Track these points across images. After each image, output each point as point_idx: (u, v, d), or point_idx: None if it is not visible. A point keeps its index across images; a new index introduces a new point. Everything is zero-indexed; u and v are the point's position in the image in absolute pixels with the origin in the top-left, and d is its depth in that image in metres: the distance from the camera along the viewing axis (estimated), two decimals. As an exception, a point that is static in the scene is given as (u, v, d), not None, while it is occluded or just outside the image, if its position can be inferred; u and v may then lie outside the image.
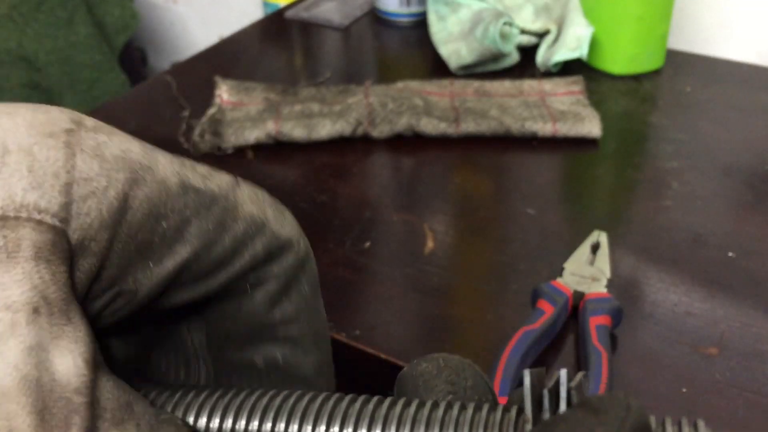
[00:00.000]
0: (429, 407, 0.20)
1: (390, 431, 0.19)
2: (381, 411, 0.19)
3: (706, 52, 0.82)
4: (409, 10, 0.87)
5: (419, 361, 0.23)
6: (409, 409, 0.19)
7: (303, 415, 0.19)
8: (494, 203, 0.59)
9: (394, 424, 0.19)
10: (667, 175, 0.61)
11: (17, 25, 1.12)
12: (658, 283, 0.50)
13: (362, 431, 0.19)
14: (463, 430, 0.19)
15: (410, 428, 0.19)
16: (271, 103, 0.69)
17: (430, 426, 0.19)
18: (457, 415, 0.19)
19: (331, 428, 0.19)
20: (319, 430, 0.19)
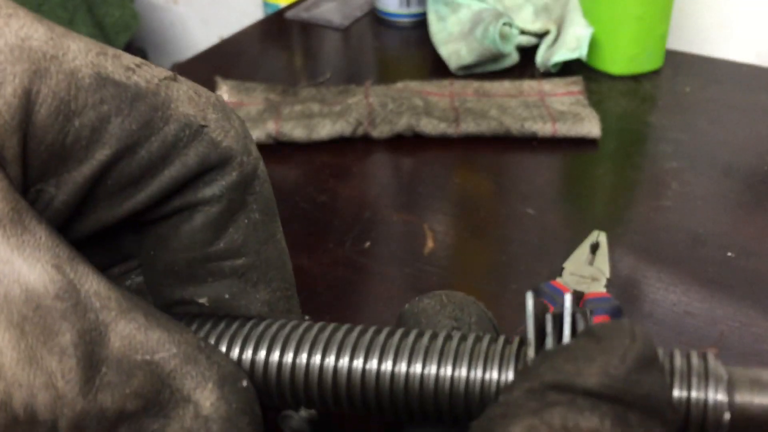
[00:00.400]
0: (428, 337, 0.19)
1: (387, 361, 0.18)
2: (378, 340, 0.19)
3: (706, 53, 0.82)
4: (409, 10, 0.87)
5: (421, 298, 0.22)
6: (407, 339, 0.19)
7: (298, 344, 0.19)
8: (494, 203, 0.60)
9: (391, 353, 0.19)
10: (666, 175, 0.61)
11: (18, 25, 1.13)
12: (657, 283, 0.50)
13: (358, 360, 0.19)
14: (462, 360, 0.18)
15: (408, 358, 0.18)
16: (271, 104, 0.69)
17: (429, 355, 0.18)
18: (456, 345, 0.19)
19: (327, 357, 0.19)
20: (310, 357, 0.19)
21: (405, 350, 0.19)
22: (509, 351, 0.19)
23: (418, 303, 0.22)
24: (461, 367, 0.18)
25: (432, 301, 0.22)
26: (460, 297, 0.22)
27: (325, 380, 0.19)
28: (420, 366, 0.18)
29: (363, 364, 0.19)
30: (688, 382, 0.17)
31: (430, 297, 0.22)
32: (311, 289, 0.50)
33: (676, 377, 0.17)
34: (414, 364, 0.18)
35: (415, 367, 0.18)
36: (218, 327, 0.20)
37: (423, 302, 0.22)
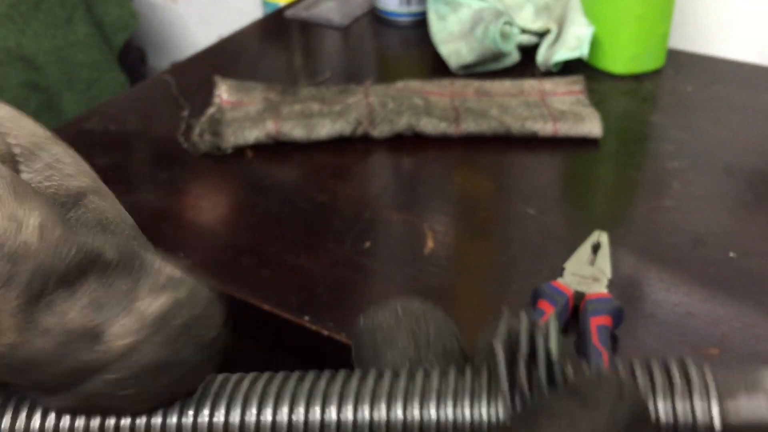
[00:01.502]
0: (389, 378, 0.18)
1: (347, 409, 0.17)
2: (334, 387, 0.18)
3: (707, 52, 0.82)
4: (409, 9, 0.87)
5: (375, 311, 0.21)
6: (366, 382, 0.18)
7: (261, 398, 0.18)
8: (494, 203, 0.59)
9: (351, 400, 0.17)
10: (667, 174, 0.61)
11: (16, 24, 1.12)
12: (658, 284, 0.50)
13: (315, 408, 0.18)
14: (429, 403, 0.17)
15: (370, 404, 0.17)
16: (270, 103, 0.68)
17: (393, 399, 0.17)
18: (421, 384, 0.17)
19: (282, 409, 0.18)
20: (274, 412, 0.18)
21: (364, 395, 0.18)
22: (478, 386, 0.17)
23: (373, 318, 0.21)
24: (428, 407, 0.17)
25: (386, 314, 0.20)
26: (416, 307, 0.21)
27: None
28: (383, 410, 0.17)
29: (312, 415, 0.18)
30: (671, 394, 0.16)
31: (384, 309, 0.21)
32: (311, 289, 0.50)
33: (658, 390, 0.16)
34: (375, 409, 0.17)
35: (377, 413, 0.17)
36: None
37: (377, 317, 0.21)
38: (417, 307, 0.21)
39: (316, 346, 0.48)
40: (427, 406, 0.17)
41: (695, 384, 0.16)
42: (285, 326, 0.49)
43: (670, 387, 0.16)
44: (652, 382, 0.17)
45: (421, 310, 0.20)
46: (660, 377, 0.17)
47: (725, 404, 0.16)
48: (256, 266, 0.52)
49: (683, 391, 0.16)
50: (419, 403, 0.17)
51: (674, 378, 0.16)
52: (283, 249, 0.54)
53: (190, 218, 0.58)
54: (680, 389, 0.16)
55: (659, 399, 0.16)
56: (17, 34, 1.12)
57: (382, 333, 0.20)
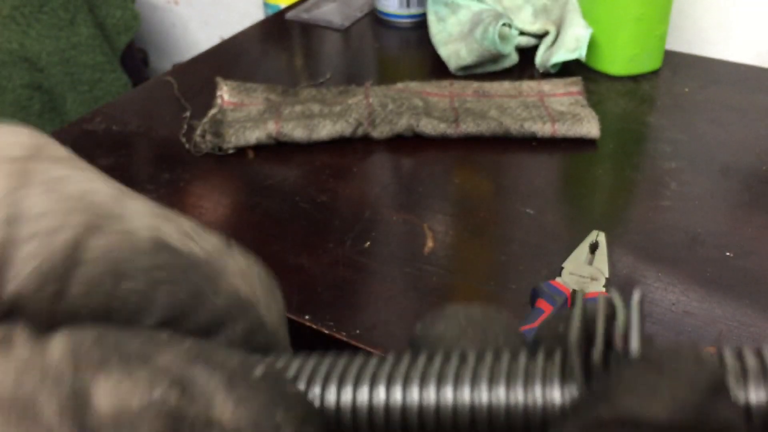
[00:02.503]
0: (456, 360, 0.17)
1: (412, 389, 0.17)
2: (400, 369, 0.17)
3: (705, 53, 0.82)
4: (408, 11, 0.88)
5: (433, 320, 0.19)
6: (433, 364, 0.17)
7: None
8: (494, 203, 0.60)
9: (416, 381, 0.17)
10: (665, 175, 0.61)
11: (19, 26, 1.13)
12: (656, 283, 0.50)
13: (380, 388, 0.17)
14: (498, 383, 0.16)
15: (436, 384, 0.16)
16: (271, 104, 0.69)
17: (460, 380, 0.16)
18: (491, 364, 0.17)
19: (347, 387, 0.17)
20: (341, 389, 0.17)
21: (431, 375, 0.17)
22: (550, 368, 0.17)
23: (431, 326, 0.19)
24: (498, 388, 0.16)
25: (448, 323, 0.19)
26: (480, 314, 0.19)
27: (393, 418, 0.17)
28: (459, 392, 0.17)
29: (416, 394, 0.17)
30: (744, 382, 0.16)
31: (444, 319, 0.19)
32: (311, 289, 0.51)
33: (731, 377, 0.16)
34: (448, 389, 0.17)
35: (450, 394, 0.17)
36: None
37: (438, 327, 0.19)
38: (481, 313, 0.19)
39: (317, 346, 0.49)
40: (496, 388, 0.16)
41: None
42: (286, 325, 0.49)
43: (743, 368, 0.16)
44: (741, 363, 0.16)
45: (486, 317, 0.19)
46: (731, 359, 0.16)
47: None
48: (258, 266, 0.53)
49: (759, 374, 0.16)
50: (488, 385, 0.16)
51: (747, 360, 0.16)
52: (283, 248, 0.54)
53: (191, 218, 0.58)
54: (755, 371, 0.16)
55: (747, 382, 0.16)
56: (21, 35, 1.13)
57: (446, 345, 0.18)
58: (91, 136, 0.68)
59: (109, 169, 0.64)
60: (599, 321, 0.16)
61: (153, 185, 0.62)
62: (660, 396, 0.14)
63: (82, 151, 0.71)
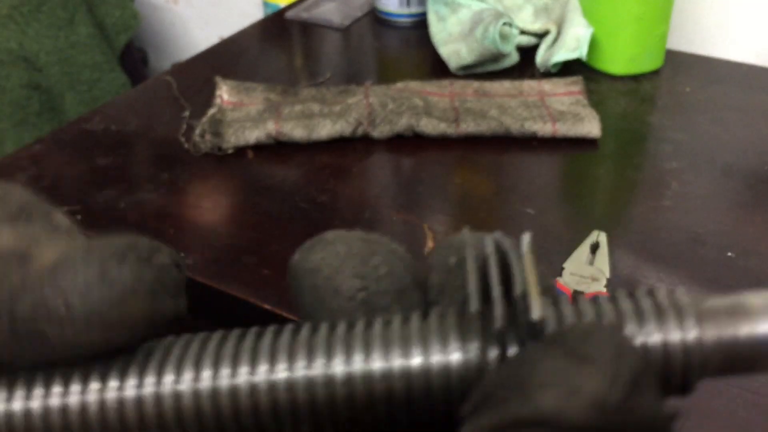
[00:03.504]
0: (343, 328, 0.16)
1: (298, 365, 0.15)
2: (282, 341, 0.16)
3: (706, 53, 0.82)
4: (409, 10, 0.87)
5: (310, 248, 0.18)
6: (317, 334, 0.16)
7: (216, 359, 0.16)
8: (494, 203, 0.60)
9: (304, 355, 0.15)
10: (666, 175, 0.61)
11: (18, 25, 1.13)
12: (657, 283, 0.50)
13: (278, 365, 0.15)
14: (392, 348, 0.15)
15: (326, 358, 0.15)
16: (271, 104, 0.69)
17: (351, 350, 0.15)
18: (380, 332, 0.15)
19: (252, 366, 0.15)
20: (252, 369, 0.15)
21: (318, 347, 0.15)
22: (448, 324, 0.15)
23: (309, 255, 0.18)
24: (391, 357, 0.15)
25: (326, 253, 0.17)
26: (360, 242, 0.18)
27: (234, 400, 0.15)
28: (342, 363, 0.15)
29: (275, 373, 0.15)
30: (660, 323, 0.15)
31: (321, 247, 0.18)
32: (311, 289, 0.50)
33: (648, 318, 0.15)
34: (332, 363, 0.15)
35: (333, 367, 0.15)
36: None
37: (316, 256, 0.17)
38: (360, 241, 0.18)
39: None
40: (391, 356, 0.15)
41: (684, 307, 0.15)
42: (285, 325, 0.49)
43: (656, 308, 0.15)
44: (637, 304, 0.15)
45: (367, 245, 0.18)
46: (641, 302, 0.15)
47: (706, 327, 0.15)
48: (257, 266, 0.52)
49: (671, 313, 0.15)
50: (382, 354, 0.15)
51: (660, 299, 0.15)
52: (283, 248, 0.54)
53: (191, 218, 0.58)
54: (665, 314, 0.15)
55: (645, 325, 0.15)
56: (19, 35, 1.13)
57: (323, 276, 0.17)
58: (90, 136, 0.68)
59: (108, 169, 0.63)
60: (493, 275, 0.15)
61: (152, 185, 0.62)
62: (580, 394, 0.13)
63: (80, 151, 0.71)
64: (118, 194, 0.60)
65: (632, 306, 0.15)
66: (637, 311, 0.15)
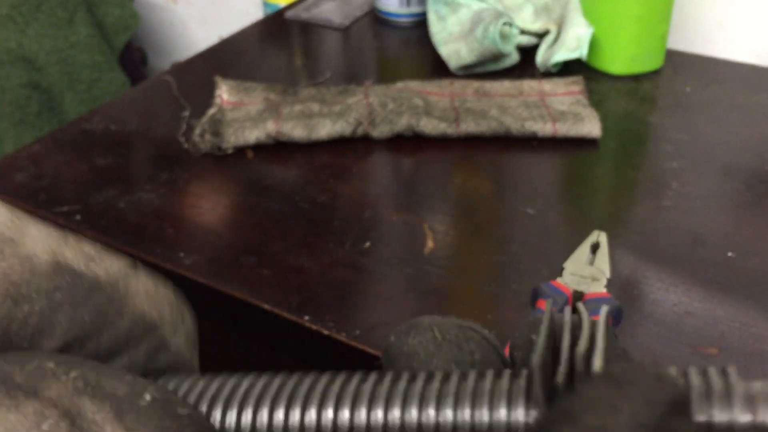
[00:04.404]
0: (422, 380, 0.16)
1: (377, 409, 0.16)
2: (366, 388, 0.17)
3: (706, 53, 0.82)
4: (409, 10, 0.87)
5: (407, 332, 0.19)
6: (399, 384, 0.16)
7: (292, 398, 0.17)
8: (494, 203, 0.59)
9: (381, 401, 0.16)
10: (666, 175, 0.61)
11: (17, 25, 1.13)
12: (657, 283, 0.50)
13: (356, 411, 0.16)
14: (464, 403, 0.16)
15: (401, 405, 0.16)
16: (271, 104, 0.69)
17: (425, 400, 0.16)
18: (456, 385, 0.16)
19: (316, 410, 0.16)
20: (317, 412, 0.16)
21: (395, 396, 0.16)
22: (516, 388, 0.16)
23: (406, 339, 0.18)
24: (464, 409, 0.16)
25: (423, 339, 0.18)
26: (455, 329, 0.18)
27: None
28: (414, 412, 0.16)
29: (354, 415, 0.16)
30: (709, 404, 0.16)
31: (418, 332, 0.18)
32: (311, 289, 0.50)
33: (695, 398, 0.16)
34: (406, 410, 0.16)
35: (407, 414, 0.16)
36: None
37: (413, 340, 0.18)
38: (456, 328, 0.19)
39: (316, 346, 0.48)
40: (461, 408, 0.16)
41: (735, 390, 0.16)
42: (285, 326, 0.49)
43: (708, 389, 0.16)
44: (706, 382, 0.16)
45: (462, 332, 0.18)
46: (697, 378, 0.16)
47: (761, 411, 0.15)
48: (257, 266, 0.52)
49: (722, 396, 0.16)
50: (453, 405, 0.16)
51: (712, 380, 0.16)
52: (283, 249, 0.54)
53: (190, 218, 0.58)
54: (719, 392, 0.16)
55: (695, 402, 0.16)
56: (19, 34, 1.13)
57: (420, 360, 0.18)
58: (90, 136, 0.68)
59: (108, 169, 0.63)
60: (564, 341, 0.16)
61: (151, 185, 0.61)
62: (620, 413, 0.14)
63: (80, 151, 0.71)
64: (118, 194, 0.60)
65: (703, 383, 0.16)
66: (706, 389, 0.16)
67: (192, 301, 0.22)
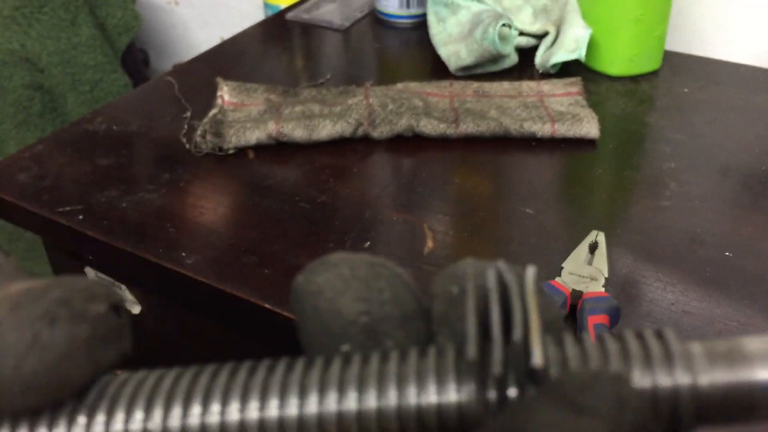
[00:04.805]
0: (339, 364, 0.15)
1: (290, 400, 0.15)
2: (291, 377, 0.15)
3: (704, 54, 0.83)
4: (409, 11, 0.88)
5: (315, 269, 0.17)
6: (313, 369, 0.15)
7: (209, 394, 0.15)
8: (493, 203, 0.60)
9: (296, 391, 0.15)
10: (664, 175, 0.62)
11: (20, 26, 1.13)
12: (655, 283, 0.51)
13: (261, 402, 0.15)
14: (387, 390, 0.15)
15: (319, 394, 0.15)
16: (272, 104, 0.69)
17: (346, 386, 0.15)
18: (377, 369, 0.15)
19: (234, 404, 0.15)
20: (238, 407, 0.15)
21: (311, 384, 0.15)
22: (443, 366, 0.15)
23: (314, 277, 0.17)
24: (387, 395, 0.15)
25: (331, 275, 0.17)
26: (365, 266, 0.17)
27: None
28: (334, 401, 0.15)
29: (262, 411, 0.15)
30: (650, 368, 0.15)
31: (326, 268, 0.17)
32: (312, 289, 0.51)
33: (635, 363, 0.15)
34: (325, 400, 0.15)
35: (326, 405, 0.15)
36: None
37: (320, 278, 0.17)
38: (366, 265, 0.17)
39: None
40: (386, 394, 0.15)
41: (674, 354, 0.15)
42: (285, 325, 0.49)
43: (648, 357, 0.15)
44: (625, 350, 0.15)
45: (372, 269, 0.17)
46: (636, 346, 0.15)
47: (702, 374, 0.15)
48: (258, 265, 0.53)
49: (662, 358, 0.15)
50: (377, 391, 0.15)
51: (650, 343, 0.15)
52: (284, 248, 0.54)
53: (192, 218, 0.58)
54: (660, 360, 0.15)
55: (638, 370, 0.15)
56: (21, 35, 1.13)
57: (326, 298, 0.17)
58: (92, 137, 0.68)
59: (110, 169, 0.64)
60: (494, 323, 0.15)
61: (153, 185, 0.62)
62: None
63: (82, 152, 0.71)
64: (120, 194, 0.61)
65: (641, 348, 0.15)
66: (645, 355, 0.15)
67: (193, 300, 0.21)
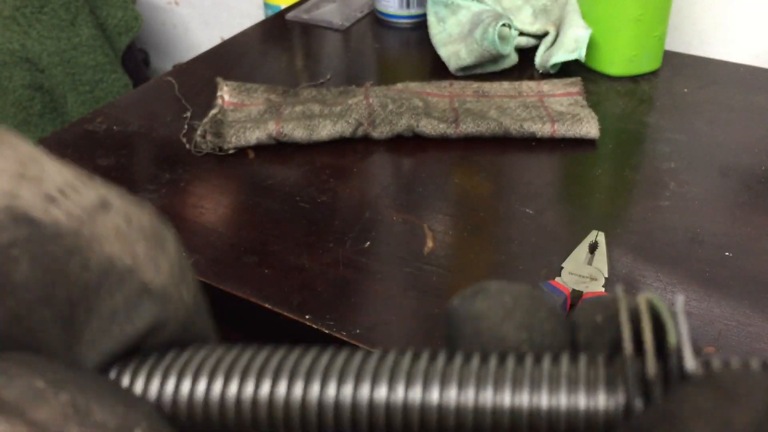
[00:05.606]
0: (495, 361, 0.16)
1: (449, 390, 0.15)
2: (437, 367, 0.16)
3: (703, 54, 0.83)
4: (408, 11, 0.88)
5: (473, 296, 0.17)
6: (471, 364, 0.16)
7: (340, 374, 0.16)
8: (493, 203, 0.60)
9: (454, 381, 0.15)
10: (664, 175, 0.62)
11: (20, 26, 1.13)
12: (655, 283, 0.51)
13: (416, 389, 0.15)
14: (540, 388, 0.15)
15: (475, 387, 0.15)
16: (272, 104, 0.69)
17: (500, 382, 0.15)
18: (530, 369, 0.15)
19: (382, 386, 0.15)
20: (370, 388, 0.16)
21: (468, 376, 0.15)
22: (594, 372, 0.15)
23: (473, 303, 0.17)
24: (541, 394, 0.15)
25: (492, 302, 0.17)
26: (526, 296, 0.17)
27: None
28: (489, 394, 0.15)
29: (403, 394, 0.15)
30: None
31: (486, 296, 0.17)
32: (311, 289, 0.51)
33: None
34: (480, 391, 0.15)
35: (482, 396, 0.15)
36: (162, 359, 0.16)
37: (480, 304, 0.17)
38: (527, 296, 0.17)
39: (317, 345, 0.49)
40: (538, 393, 0.15)
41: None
42: (286, 325, 0.49)
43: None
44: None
45: (533, 301, 0.17)
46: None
47: None
48: (258, 265, 0.53)
49: None
50: (529, 389, 0.15)
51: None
52: (284, 248, 0.54)
53: (192, 218, 0.58)
54: None
55: None
56: (22, 36, 1.13)
57: (489, 324, 0.17)
58: (92, 137, 0.69)
59: (110, 169, 0.64)
60: (646, 330, 0.16)
61: (154, 185, 0.62)
62: (732, 427, 0.13)
63: (83, 152, 0.71)
64: (120, 194, 0.61)
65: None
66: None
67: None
